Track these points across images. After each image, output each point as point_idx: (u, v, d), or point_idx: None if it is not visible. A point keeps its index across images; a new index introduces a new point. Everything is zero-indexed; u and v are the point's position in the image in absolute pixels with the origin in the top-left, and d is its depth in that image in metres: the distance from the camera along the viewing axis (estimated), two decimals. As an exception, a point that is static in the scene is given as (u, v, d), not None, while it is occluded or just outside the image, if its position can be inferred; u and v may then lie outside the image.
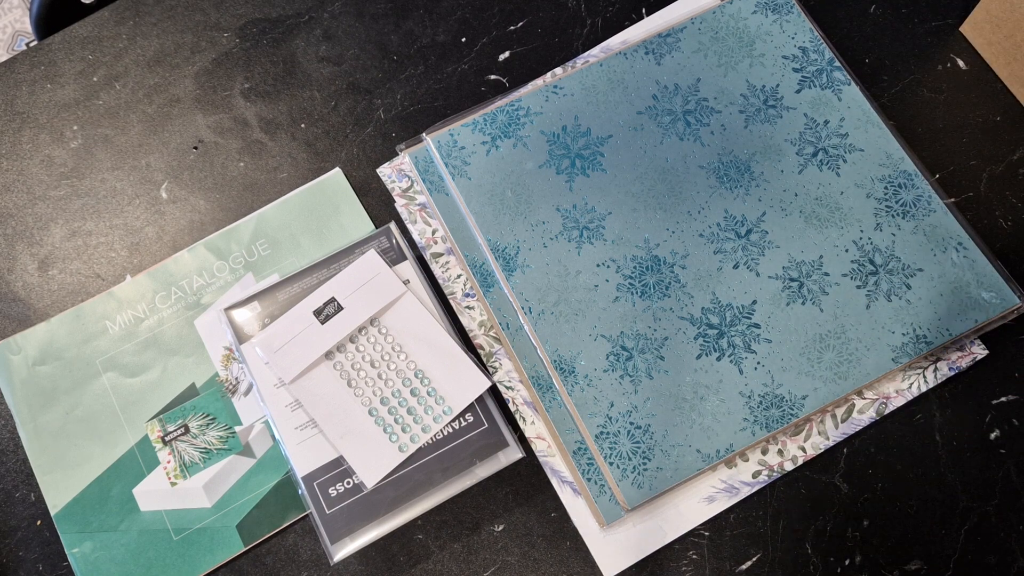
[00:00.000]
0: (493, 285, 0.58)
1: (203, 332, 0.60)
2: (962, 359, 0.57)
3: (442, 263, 0.61)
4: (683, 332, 0.55)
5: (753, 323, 0.55)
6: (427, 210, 0.62)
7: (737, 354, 0.54)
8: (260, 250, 0.62)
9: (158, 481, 0.57)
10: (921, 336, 0.55)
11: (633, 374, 0.54)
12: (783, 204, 0.58)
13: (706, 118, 0.61)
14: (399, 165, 0.64)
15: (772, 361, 0.54)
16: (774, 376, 0.54)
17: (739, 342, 0.55)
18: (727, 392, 0.54)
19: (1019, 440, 0.56)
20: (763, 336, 0.55)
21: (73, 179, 0.65)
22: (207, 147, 0.66)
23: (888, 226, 0.58)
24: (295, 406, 0.56)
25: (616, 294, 0.56)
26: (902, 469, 0.56)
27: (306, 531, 0.56)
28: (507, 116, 0.61)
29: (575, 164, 0.59)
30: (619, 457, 0.53)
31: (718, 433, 0.53)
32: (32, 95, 0.67)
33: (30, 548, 0.56)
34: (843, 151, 0.59)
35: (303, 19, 0.69)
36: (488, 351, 0.59)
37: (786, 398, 0.54)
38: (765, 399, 0.54)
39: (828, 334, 0.55)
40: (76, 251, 0.63)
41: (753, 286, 0.56)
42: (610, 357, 0.54)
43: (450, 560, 0.55)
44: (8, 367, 0.59)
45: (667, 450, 0.53)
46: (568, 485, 0.56)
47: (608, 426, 0.53)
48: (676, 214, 0.58)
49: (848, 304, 0.56)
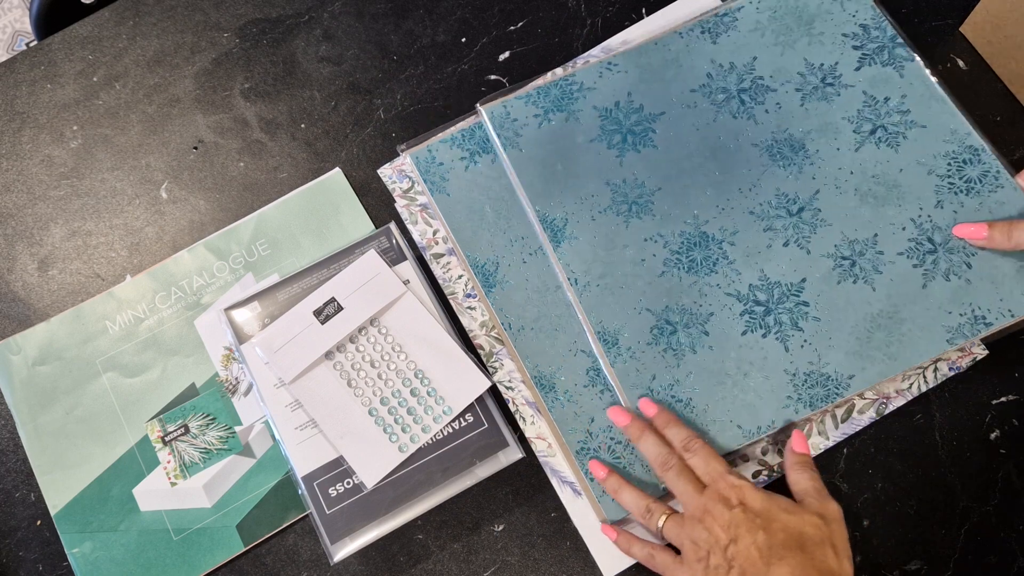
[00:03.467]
0: (495, 286, 0.58)
1: (203, 332, 0.60)
2: (962, 359, 0.57)
3: (443, 263, 0.61)
4: (729, 308, 0.54)
5: (802, 301, 0.54)
6: (428, 210, 0.62)
7: (784, 331, 0.54)
8: (260, 250, 0.62)
9: (158, 481, 0.57)
10: (980, 317, 0.54)
11: (677, 348, 0.53)
12: (837, 182, 0.57)
13: (761, 96, 0.60)
14: (399, 166, 0.64)
15: (819, 339, 0.53)
16: (821, 355, 0.53)
17: (786, 319, 0.54)
18: (771, 369, 0.53)
19: (1019, 440, 0.56)
20: (811, 314, 0.54)
21: (73, 179, 0.65)
22: (207, 147, 0.66)
23: (950, 203, 0.56)
24: (295, 406, 0.56)
25: (663, 268, 0.55)
26: (902, 469, 0.56)
27: (306, 531, 0.56)
28: (560, 91, 0.61)
29: (626, 140, 0.59)
30: None
31: (760, 410, 0.53)
32: (32, 95, 0.67)
33: (30, 548, 0.56)
34: (904, 128, 0.58)
35: (303, 19, 0.69)
36: (488, 351, 0.59)
37: (832, 377, 0.53)
38: (810, 377, 0.53)
39: (880, 314, 0.54)
40: (76, 251, 0.63)
41: (803, 264, 0.55)
42: (654, 331, 0.54)
43: (450, 560, 0.55)
44: (8, 367, 0.59)
45: (707, 425, 0.53)
46: (568, 485, 0.56)
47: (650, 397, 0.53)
48: (727, 191, 0.58)
49: (903, 283, 0.54)
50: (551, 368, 0.55)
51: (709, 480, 0.49)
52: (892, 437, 0.57)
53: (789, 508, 0.47)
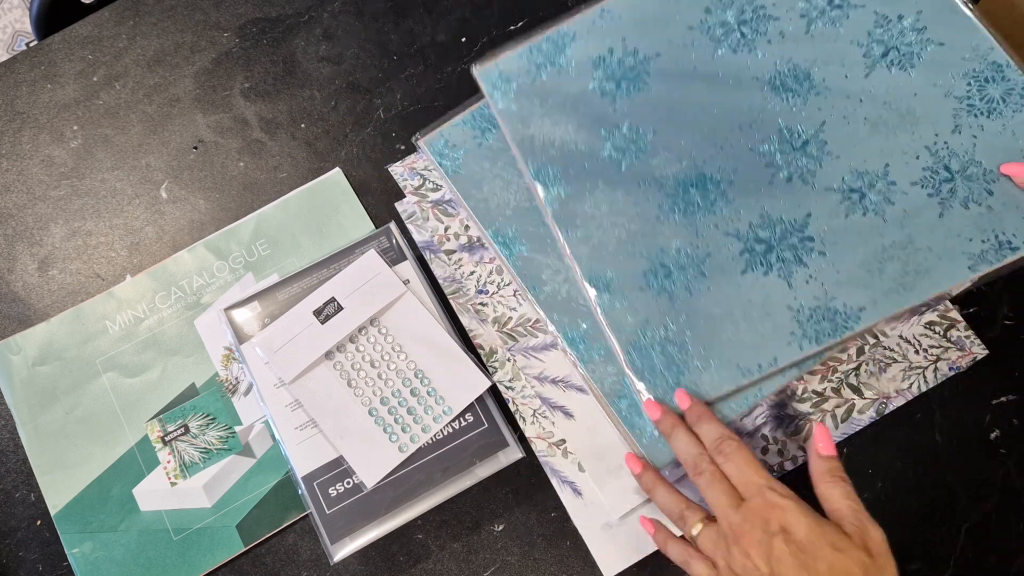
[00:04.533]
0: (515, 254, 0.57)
1: (203, 332, 0.60)
2: (962, 359, 0.57)
3: (454, 260, 0.61)
4: (727, 248, 0.52)
5: (806, 236, 0.52)
6: (440, 207, 0.62)
7: (787, 268, 0.51)
8: (260, 250, 0.62)
9: (158, 481, 0.57)
10: (1005, 242, 0.51)
11: (671, 291, 0.52)
12: (845, 112, 0.54)
13: (763, 26, 0.57)
14: (411, 164, 0.63)
15: (826, 274, 0.51)
16: (828, 289, 0.51)
17: (789, 256, 0.52)
18: (774, 307, 0.51)
19: (1019, 440, 0.56)
20: (817, 249, 0.52)
21: (73, 179, 0.65)
22: (207, 147, 0.66)
23: (969, 128, 0.53)
24: (295, 406, 0.56)
25: (658, 212, 0.54)
26: (902, 469, 0.56)
27: (306, 531, 0.56)
28: (552, 44, 0.58)
29: (621, 85, 0.57)
30: (651, 373, 0.51)
31: (761, 349, 0.51)
32: (32, 95, 0.67)
33: (30, 548, 0.56)
34: (919, 47, 0.55)
35: (303, 19, 0.69)
36: (488, 351, 0.59)
37: (840, 311, 0.51)
38: (816, 312, 0.51)
39: (892, 245, 0.51)
40: (76, 251, 0.63)
41: (808, 199, 0.53)
42: (647, 275, 0.52)
43: (450, 560, 0.55)
44: (8, 367, 0.59)
45: (704, 367, 0.51)
46: (568, 485, 0.56)
47: (640, 341, 0.51)
48: (725, 129, 0.55)
49: (917, 213, 0.52)
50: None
51: (747, 493, 0.45)
52: (892, 437, 0.57)
53: (836, 543, 0.43)
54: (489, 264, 0.61)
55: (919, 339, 0.58)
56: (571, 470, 0.56)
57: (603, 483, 0.55)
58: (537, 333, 0.59)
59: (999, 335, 0.58)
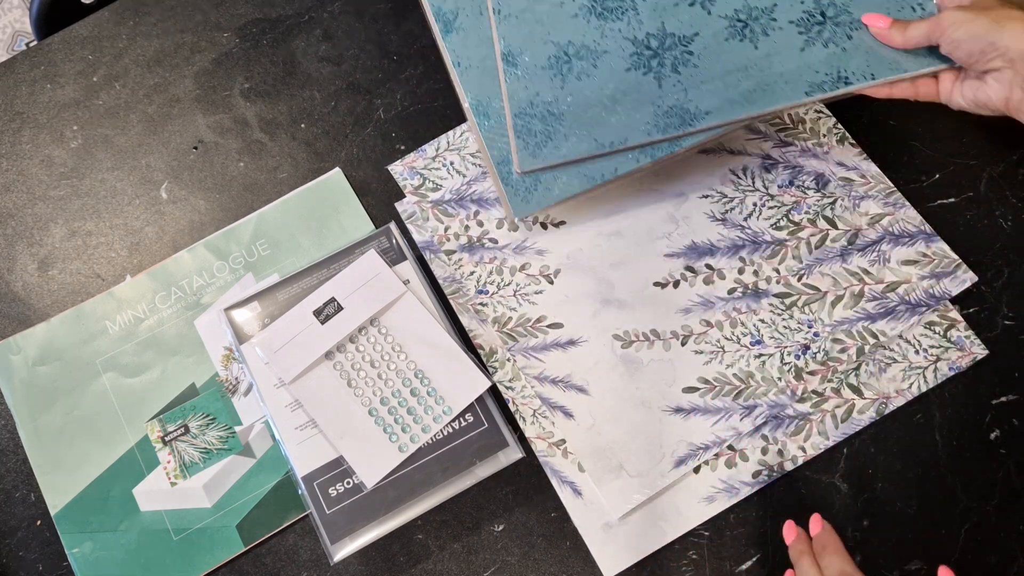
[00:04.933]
0: (452, 32, 0.60)
1: (203, 332, 0.60)
2: (962, 359, 0.57)
3: (454, 260, 0.61)
4: (622, 49, 0.59)
5: (688, 50, 0.59)
6: (440, 207, 0.62)
7: (663, 72, 0.59)
8: (260, 250, 0.62)
9: (158, 481, 0.57)
10: (843, 78, 0.58)
11: (565, 74, 0.59)
12: None
13: None
14: (411, 163, 0.64)
15: (692, 82, 0.59)
16: (688, 92, 0.59)
17: (668, 63, 0.59)
18: (640, 99, 0.58)
19: (1019, 440, 0.56)
20: (692, 62, 0.59)
21: (73, 179, 0.65)
22: (207, 147, 0.66)
23: None
24: (295, 406, 0.56)
25: (576, 12, 0.59)
26: (902, 469, 0.56)
27: (306, 531, 0.56)
28: None
29: None
30: (527, 133, 0.58)
31: (619, 130, 0.58)
32: (32, 95, 0.67)
33: (30, 548, 0.56)
34: None
35: (303, 19, 0.69)
36: (488, 351, 0.59)
37: (690, 111, 0.58)
38: (672, 110, 0.58)
39: (753, 66, 0.58)
40: (76, 251, 0.63)
41: (700, 21, 0.59)
42: (551, 58, 0.59)
43: (450, 560, 0.55)
44: (8, 367, 0.59)
45: (569, 135, 0.58)
46: (568, 485, 0.56)
47: (529, 109, 0.58)
48: None
49: (784, 46, 0.58)
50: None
51: None
52: (892, 437, 0.57)
53: None
54: (489, 264, 0.61)
55: (919, 339, 0.58)
56: (571, 470, 0.56)
57: (603, 482, 0.55)
58: (537, 333, 0.59)
59: (999, 335, 0.58)
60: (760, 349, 0.59)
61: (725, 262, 0.62)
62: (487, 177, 0.63)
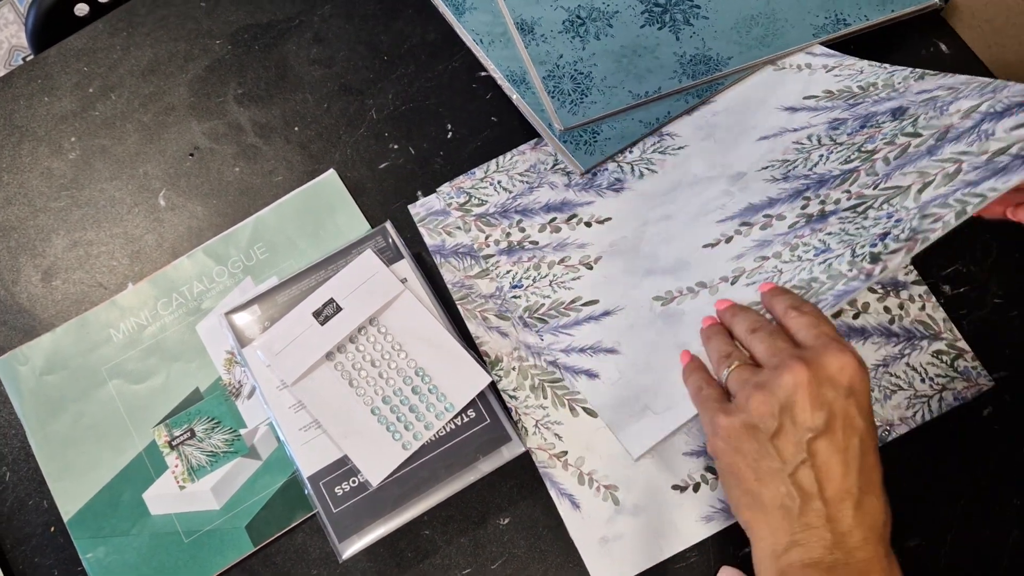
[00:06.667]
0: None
1: (205, 337, 0.61)
2: (967, 390, 0.56)
3: (493, 263, 0.62)
4: (632, 8, 0.65)
5: (694, 4, 0.65)
6: (483, 219, 0.63)
7: (676, 26, 0.65)
8: (258, 254, 0.63)
9: (167, 485, 0.57)
10: (841, 19, 0.64)
11: (583, 36, 0.64)
12: None
13: None
14: (459, 184, 0.64)
15: (707, 32, 0.65)
16: (706, 42, 0.64)
17: (680, 17, 0.65)
18: (663, 52, 0.64)
19: (1012, 415, 0.56)
20: (701, 14, 0.65)
21: (73, 190, 0.66)
22: (203, 153, 0.67)
23: None
24: (298, 407, 0.57)
25: None
26: (899, 449, 0.56)
27: (314, 530, 0.57)
28: None
29: None
30: (560, 92, 0.63)
31: (650, 81, 0.63)
32: (30, 108, 0.68)
33: (45, 554, 0.57)
34: None
35: (293, 23, 0.70)
36: (494, 359, 0.59)
37: (713, 58, 0.64)
38: (695, 58, 0.64)
39: (759, 15, 0.65)
40: (78, 261, 0.64)
41: None
42: (565, 23, 0.64)
43: (457, 554, 0.56)
44: (16, 377, 0.60)
45: (603, 90, 0.63)
46: (567, 498, 0.56)
47: (556, 71, 0.63)
48: None
49: None
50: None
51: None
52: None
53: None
54: (527, 263, 0.61)
55: (926, 367, 0.57)
56: (571, 482, 0.56)
57: (623, 427, 0.53)
58: (569, 313, 0.59)
59: (988, 314, 0.58)
60: (826, 256, 0.51)
61: (786, 207, 0.56)
62: (533, 190, 0.64)
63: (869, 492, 0.40)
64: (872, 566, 0.39)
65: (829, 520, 0.40)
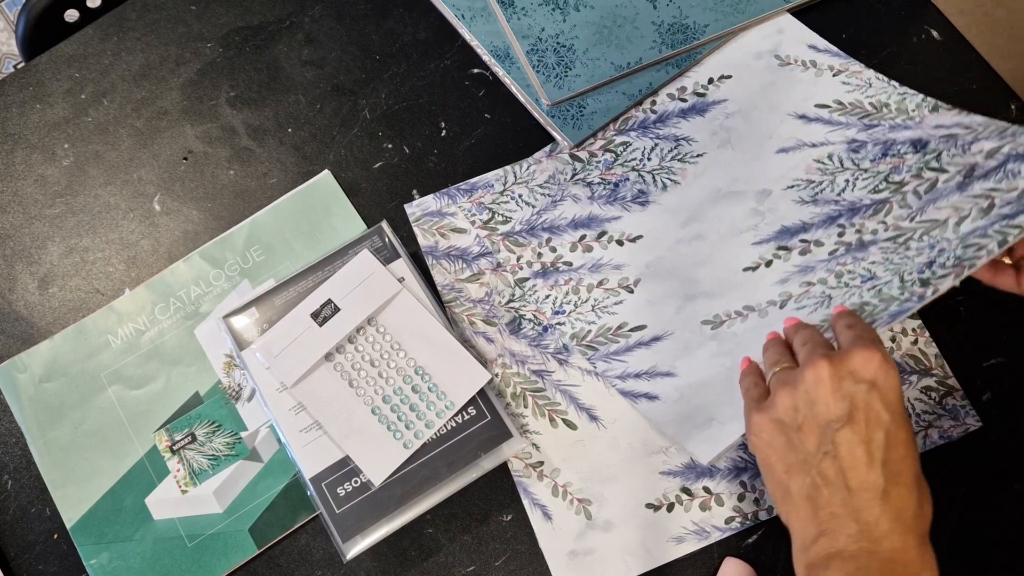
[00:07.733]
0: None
1: (203, 341, 0.61)
2: (954, 429, 0.56)
3: (528, 287, 0.61)
4: None
5: None
6: (511, 238, 0.62)
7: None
8: (254, 256, 0.63)
9: (169, 490, 0.58)
10: None
11: (563, 8, 0.65)
12: None
13: None
14: (478, 199, 0.63)
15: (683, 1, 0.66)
16: (683, 10, 0.65)
17: None
18: (642, 21, 0.65)
19: (1011, 401, 0.57)
20: None
21: (67, 197, 0.66)
22: (196, 157, 0.66)
23: None
24: (298, 409, 0.57)
25: None
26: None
27: (318, 531, 0.57)
28: None
29: None
30: (545, 66, 0.64)
31: (631, 51, 0.64)
32: (22, 116, 0.68)
33: (49, 562, 0.57)
34: None
35: (284, 24, 0.70)
36: (501, 374, 0.59)
37: (690, 26, 0.65)
38: (673, 27, 0.65)
39: None
40: (74, 267, 0.64)
41: None
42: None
43: (461, 552, 0.56)
44: (15, 385, 0.60)
45: (586, 62, 0.64)
46: (539, 508, 0.56)
47: (539, 45, 0.64)
48: None
49: None
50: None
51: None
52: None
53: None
54: (565, 286, 0.61)
55: (913, 403, 0.57)
56: (544, 493, 0.56)
57: (690, 437, 0.54)
58: (618, 339, 0.59)
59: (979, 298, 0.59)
60: (874, 283, 0.53)
61: (821, 233, 0.58)
62: (556, 204, 0.63)
63: (898, 484, 0.40)
64: (901, 556, 0.40)
65: (854, 510, 0.40)
